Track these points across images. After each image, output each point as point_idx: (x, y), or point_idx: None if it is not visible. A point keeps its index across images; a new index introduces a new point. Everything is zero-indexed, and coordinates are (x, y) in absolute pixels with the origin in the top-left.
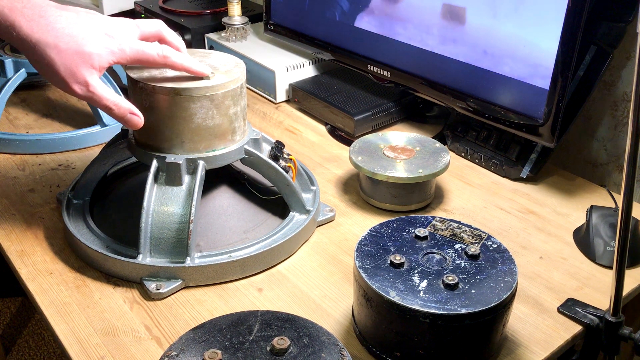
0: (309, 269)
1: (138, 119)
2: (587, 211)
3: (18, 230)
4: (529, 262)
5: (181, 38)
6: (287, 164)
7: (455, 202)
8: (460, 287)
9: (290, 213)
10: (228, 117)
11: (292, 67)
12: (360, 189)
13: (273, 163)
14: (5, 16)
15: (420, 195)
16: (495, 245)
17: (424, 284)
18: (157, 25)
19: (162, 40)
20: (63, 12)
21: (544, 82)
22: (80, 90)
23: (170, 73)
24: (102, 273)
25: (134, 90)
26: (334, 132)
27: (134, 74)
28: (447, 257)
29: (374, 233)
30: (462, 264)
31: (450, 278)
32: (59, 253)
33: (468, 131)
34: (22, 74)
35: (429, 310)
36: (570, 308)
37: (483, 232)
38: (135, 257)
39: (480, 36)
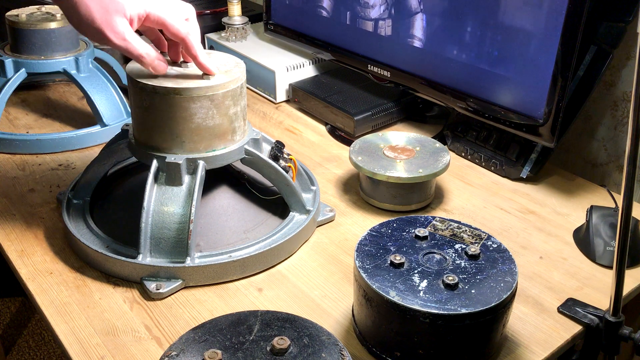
0: (309, 269)
1: (164, 64)
2: (587, 211)
3: (18, 230)
4: (529, 262)
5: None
6: (287, 164)
7: (455, 202)
8: (460, 287)
9: (290, 213)
10: (228, 117)
11: (292, 67)
12: (360, 189)
13: (273, 163)
14: None
15: (420, 195)
16: (495, 245)
17: (424, 284)
18: (189, 10)
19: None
20: None
21: (544, 82)
22: (115, 39)
23: (170, 73)
24: (102, 273)
25: (134, 90)
26: (334, 132)
27: (134, 74)
28: (447, 257)
29: (374, 233)
30: (462, 264)
31: (450, 278)
32: (59, 253)
33: (468, 131)
34: (22, 74)
35: (429, 310)
36: (570, 308)
37: (483, 232)
38: (135, 257)
39: (481, 36)
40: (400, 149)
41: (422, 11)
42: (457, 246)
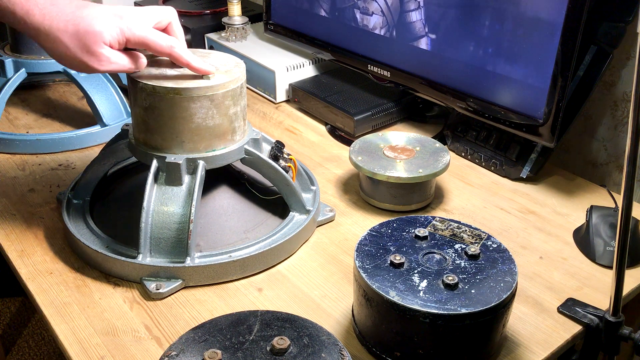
0: (309, 269)
1: (144, 59)
2: (587, 211)
3: (18, 230)
4: (529, 262)
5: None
6: (287, 164)
7: (455, 202)
8: (460, 287)
9: (290, 213)
10: (228, 117)
11: (292, 67)
12: (360, 189)
13: (273, 163)
14: (21, 4)
15: (420, 195)
16: (495, 245)
17: (424, 283)
18: (169, 13)
19: (167, 31)
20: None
21: (544, 82)
22: (101, 66)
23: (170, 73)
24: (102, 273)
25: (134, 90)
26: (334, 132)
27: (134, 74)
28: (447, 257)
29: (374, 233)
30: (462, 264)
31: (450, 278)
32: (59, 253)
33: (468, 131)
34: (22, 74)
35: (429, 310)
36: (570, 308)
37: (483, 232)
38: (135, 257)
39: (481, 36)
40: (400, 149)
41: (421, 11)
42: (457, 246)
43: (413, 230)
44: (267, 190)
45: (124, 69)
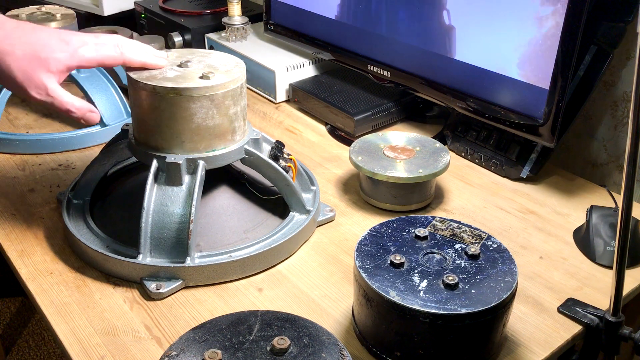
0: (309, 269)
1: (96, 115)
2: (587, 211)
3: (18, 230)
4: (529, 262)
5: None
6: (287, 164)
7: (455, 202)
8: (460, 287)
9: (290, 213)
10: (228, 117)
11: (292, 67)
12: (360, 189)
13: (273, 163)
14: None
15: (420, 195)
16: (495, 245)
17: (424, 283)
18: (115, 38)
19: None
20: (20, 24)
21: (544, 82)
22: (38, 95)
23: (170, 73)
24: (102, 273)
25: (134, 90)
26: (334, 132)
27: (134, 74)
28: (447, 257)
29: (374, 233)
30: (462, 264)
31: (450, 278)
32: (59, 253)
33: (468, 131)
34: None
35: (429, 310)
36: (570, 308)
37: (483, 232)
38: (135, 257)
39: (480, 36)
40: (400, 149)
41: (422, 11)
42: (457, 246)
43: (413, 230)
44: (267, 190)
45: (62, 107)
